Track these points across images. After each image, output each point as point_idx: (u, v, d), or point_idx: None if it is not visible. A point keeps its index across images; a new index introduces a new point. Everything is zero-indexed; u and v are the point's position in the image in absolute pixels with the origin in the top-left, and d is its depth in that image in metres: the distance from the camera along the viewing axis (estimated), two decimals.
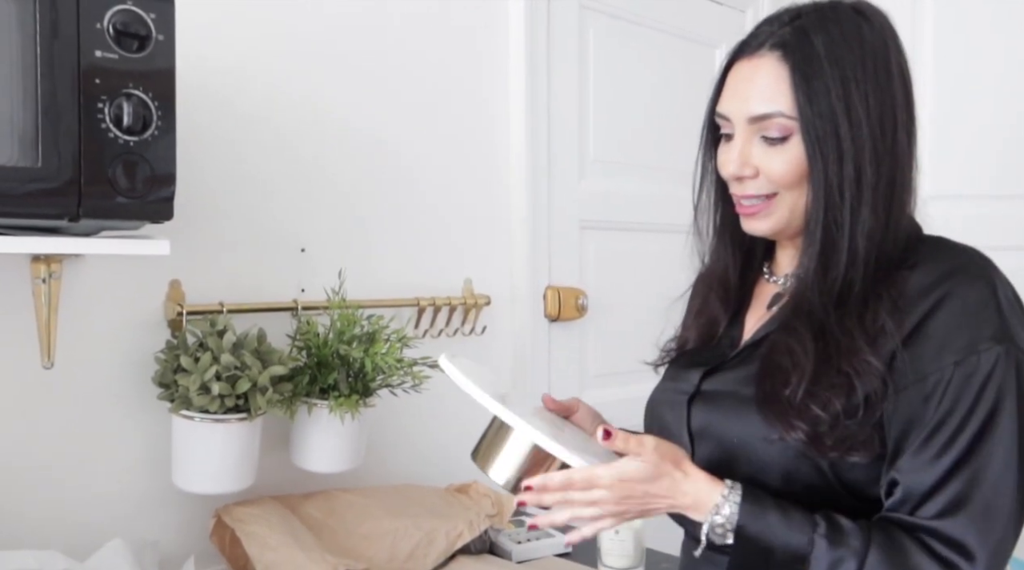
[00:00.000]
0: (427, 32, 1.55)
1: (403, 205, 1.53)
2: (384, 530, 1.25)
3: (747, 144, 0.85)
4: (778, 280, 0.94)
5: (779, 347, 0.83)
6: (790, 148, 0.83)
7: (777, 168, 0.84)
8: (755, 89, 0.84)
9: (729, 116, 0.87)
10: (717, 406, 0.88)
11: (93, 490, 1.19)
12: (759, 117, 0.83)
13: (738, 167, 0.85)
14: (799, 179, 0.83)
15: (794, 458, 0.80)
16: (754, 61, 0.85)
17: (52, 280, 1.07)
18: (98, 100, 0.87)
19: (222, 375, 1.12)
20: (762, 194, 0.86)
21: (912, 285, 0.79)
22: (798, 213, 0.85)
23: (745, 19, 2.21)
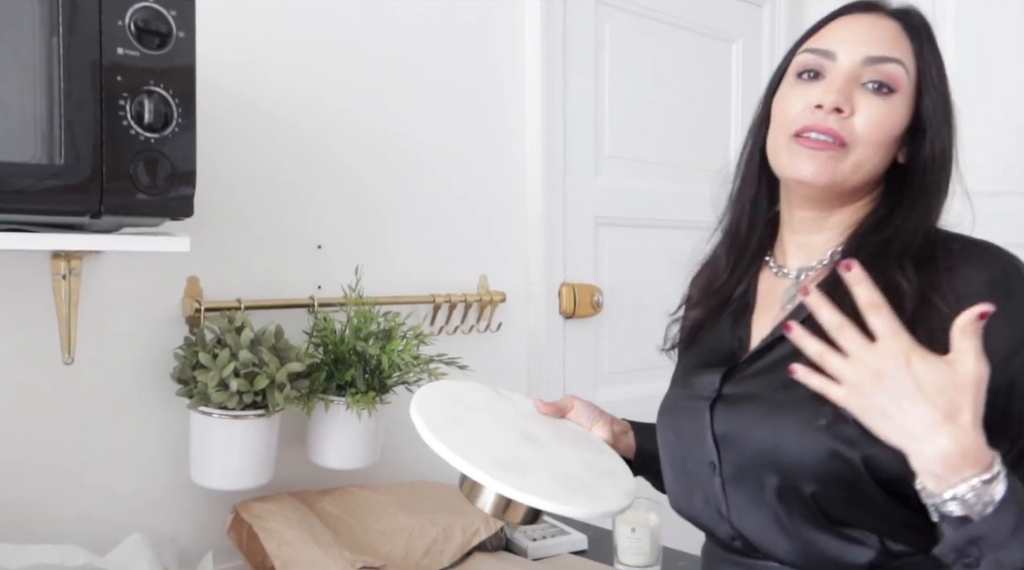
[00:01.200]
0: (443, 30, 1.55)
1: (419, 202, 1.53)
2: (401, 526, 1.25)
3: (851, 83, 0.82)
4: (788, 273, 0.90)
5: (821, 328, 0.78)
6: (894, 102, 0.81)
7: (876, 117, 0.80)
8: (874, 34, 0.82)
9: (836, 52, 0.82)
10: (744, 410, 0.84)
11: (112, 486, 1.20)
12: (878, 58, 0.81)
13: (841, 98, 0.80)
14: (885, 139, 0.81)
15: (828, 459, 0.76)
16: (872, 16, 0.84)
17: (72, 276, 1.07)
18: (119, 97, 0.87)
19: (240, 371, 1.13)
20: (841, 135, 0.81)
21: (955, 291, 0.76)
22: (859, 174, 0.82)
23: (762, 14, 2.19)
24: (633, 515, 1.23)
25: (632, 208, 1.91)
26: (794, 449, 0.78)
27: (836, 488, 0.77)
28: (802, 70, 0.85)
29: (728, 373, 0.87)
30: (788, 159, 0.84)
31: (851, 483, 0.76)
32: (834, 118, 0.80)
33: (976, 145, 2.06)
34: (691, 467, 0.88)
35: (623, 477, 0.91)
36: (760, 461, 0.81)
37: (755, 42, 2.17)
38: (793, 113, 0.83)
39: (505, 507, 0.86)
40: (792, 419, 0.79)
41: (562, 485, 0.83)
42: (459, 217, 1.59)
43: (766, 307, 0.90)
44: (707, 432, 0.86)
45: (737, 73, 2.13)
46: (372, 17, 1.45)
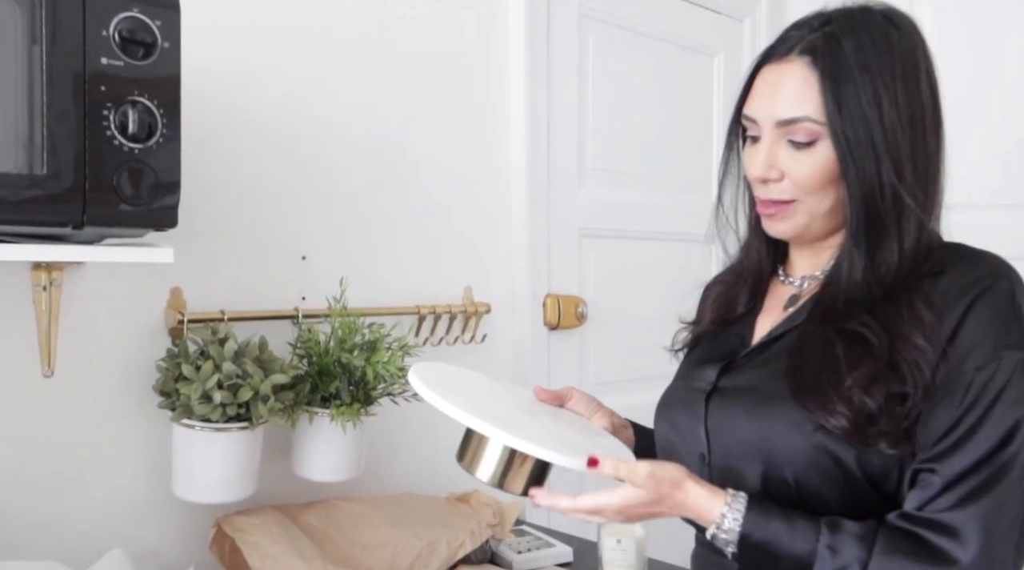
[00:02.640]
0: (428, 42, 1.56)
1: (404, 213, 1.53)
2: (385, 539, 1.24)
3: (774, 147, 0.87)
4: (794, 281, 0.96)
5: (817, 340, 0.83)
6: (817, 152, 0.84)
7: (803, 172, 0.85)
8: (783, 93, 0.85)
9: (756, 119, 0.88)
10: (736, 401, 0.88)
11: (93, 499, 1.18)
12: (786, 121, 0.85)
13: (764, 170, 0.87)
14: (824, 184, 0.85)
15: (814, 450, 0.81)
16: (783, 66, 0.86)
17: (53, 287, 1.06)
18: (103, 107, 0.87)
19: (224, 383, 1.12)
20: (783, 199, 0.88)
21: (942, 290, 0.80)
22: (818, 218, 0.88)
23: (743, 28, 2.22)
24: (619, 527, 1.23)
25: (616, 220, 1.92)
26: (782, 441, 0.82)
27: (820, 479, 0.81)
28: (745, 134, 0.92)
29: (726, 367, 0.92)
30: (761, 218, 0.93)
31: (837, 477, 0.80)
32: (772, 186, 0.88)
33: (972, 159, 2.10)
34: (683, 458, 0.91)
35: (625, 455, 0.91)
36: (747, 451, 0.85)
37: (736, 56, 2.20)
38: (749, 178, 0.92)
39: (505, 472, 0.85)
40: (782, 411, 0.83)
41: (563, 443, 0.83)
42: (444, 228, 1.59)
43: (770, 310, 0.96)
44: (700, 424, 0.90)
45: (719, 86, 2.15)
46: (358, 29, 1.46)
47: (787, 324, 0.90)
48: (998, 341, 0.77)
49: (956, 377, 0.77)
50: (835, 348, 0.81)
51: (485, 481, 0.86)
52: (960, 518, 0.75)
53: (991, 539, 0.74)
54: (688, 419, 0.93)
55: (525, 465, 0.85)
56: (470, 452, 0.88)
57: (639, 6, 1.94)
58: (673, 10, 2.03)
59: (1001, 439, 0.76)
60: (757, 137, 0.89)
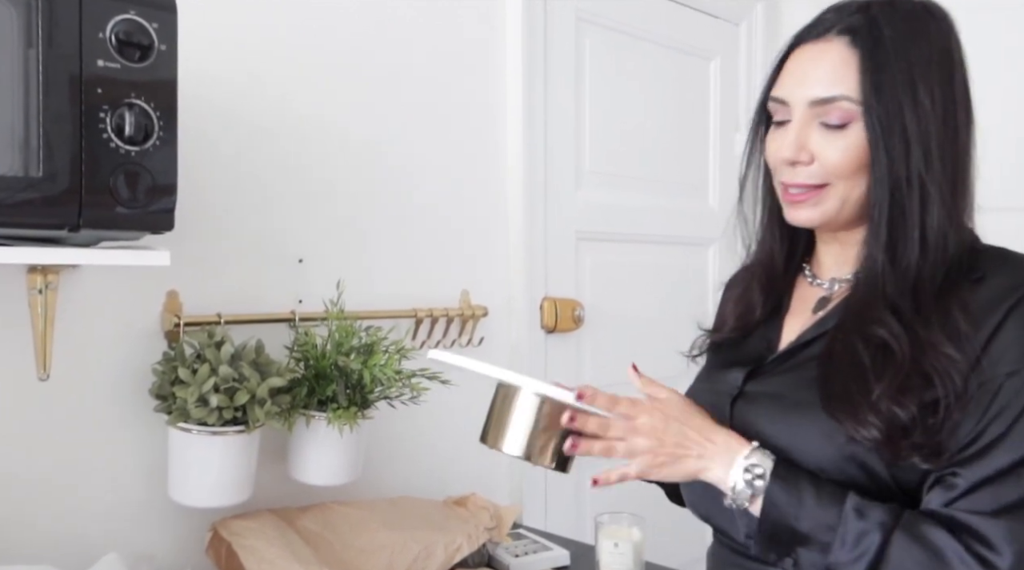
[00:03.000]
0: (425, 45, 1.56)
1: (400, 216, 1.53)
2: (382, 543, 1.24)
3: (805, 129, 0.84)
4: (822, 283, 0.93)
5: (845, 347, 0.81)
6: (849, 135, 0.82)
7: (835, 155, 0.82)
8: (820, 71, 0.82)
9: (788, 100, 0.85)
10: (763, 408, 0.86)
11: (88, 503, 1.18)
12: (821, 100, 0.82)
13: (794, 151, 0.83)
14: (855, 169, 0.82)
15: (844, 461, 0.78)
16: (820, 44, 0.83)
17: (48, 291, 1.05)
18: (100, 110, 0.87)
19: (220, 387, 1.12)
20: (812, 183, 0.84)
21: (982, 297, 0.78)
22: (849, 205, 0.85)
23: (739, 32, 2.22)
24: (616, 530, 1.23)
25: (612, 223, 1.92)
26: (811, 451, 0.80)
27: (855, 490, 0.78)
28: (771, 117, 0.89)
29: (753, 372, 0.90)
30: (784, 206, 0.89)
31: (869, 487, 0.78)
32: (801, 169, 0.84)
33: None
34: None
35: None
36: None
37: (732, 60, 2.20)
38: (773, 163, 0.88)
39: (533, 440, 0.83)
40: (811, 419, 0.81)
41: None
42: (441, 232, 1.59)
43: (798, 312, 0.93)
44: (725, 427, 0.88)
45: (715, 90, 2.16)
46: (356, 33, 1.45)
47: (816, 329, 0.88)
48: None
49: (986, 383, 0.76)
50: (861, 356, 0.79)
51: (513, 454, 0.84)
52: (988, 525, 0.73)
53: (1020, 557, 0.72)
54: None
55: (553, 431, 0.83)
56: (494, 423, 0.86)
57: (636, 9, 1.95)
58: (670, 14, 2.03)
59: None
60: (784, 121, 0.86)
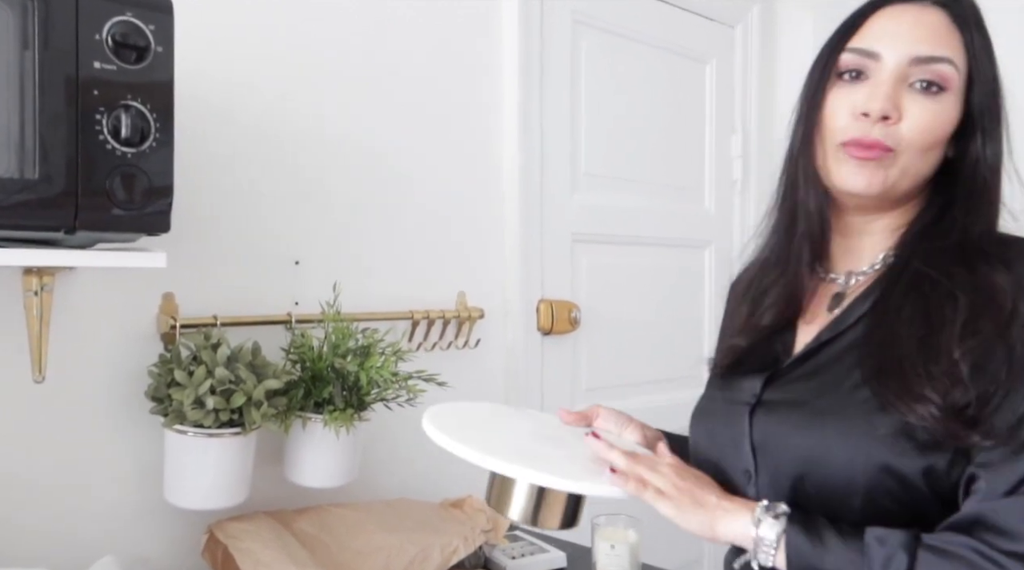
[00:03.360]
0: (421, 47, 1.56)
1: (397, 218, 1.53)
2: (378, 546, 1.24)
3: (898, 86, 0.78)
4: (836, 278, 0.87)
5: (890, 320, 0.76)
6: (943, 101, 0.78)
7: (925, 118, 0.77)
8: (922, 31, 0.78)
9: (881, 52, 0.79)
10: (785, 417, 0.81)
11: (84, 505, 1.17)
12: (926, 58, 0.77)
13: (889, 106, 0.77)
14: (934, 141, 0.78)
15: (876, 470, 0.73)
16: (916, 7, 0.79)
17: (44, 292, 1.05)
18: (96, 112, 0.87)
19: (216, 389, 1.11)
20: (888, 145, 0.78)
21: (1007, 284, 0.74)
22: (906, 179, 0.80)
23: (735, 35, 2.23)
24: (612, 532, 1.23)
25: (608, 225, 1.92)
26: (841, 460, 0.75)
27: (888, 501, 0.74)
28: (844, 70, 0.82)
29: (770, 378, 0.85)
30: (836, 169, 0.82)
31: (905, 499, 0.74)
32: (880, 127, 0.78)
33: None
34: (725, 474, 0.85)
35: None
36: (799, 471, 0.78)
37: (728, 62, 2.21)
38: (840, 122, 0.81)
39: (537, 509, 0.82)
40: (838, 427, 0.76)
41: (593, 470, 0.79)
42: (437, 234, 1.59)
43: (812, 312, 0.88)
44: (745, 439, 0.83)
45: (711, 92, 2.16)
46: (352, 35, 1.46)
47: (835, 328, 0.83)
48: None
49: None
50: (954, 302, 0.73)
51: (518, 521, 0.83)
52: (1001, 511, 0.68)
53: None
54: (730, 434, 0.85)
55: (557, 498, 0.82)
56: (496, 493, 0.84)
57: (632, 12, 1.95)
58: (665, 16, 2.04)
59: None
60: (862, 73, 0.80)
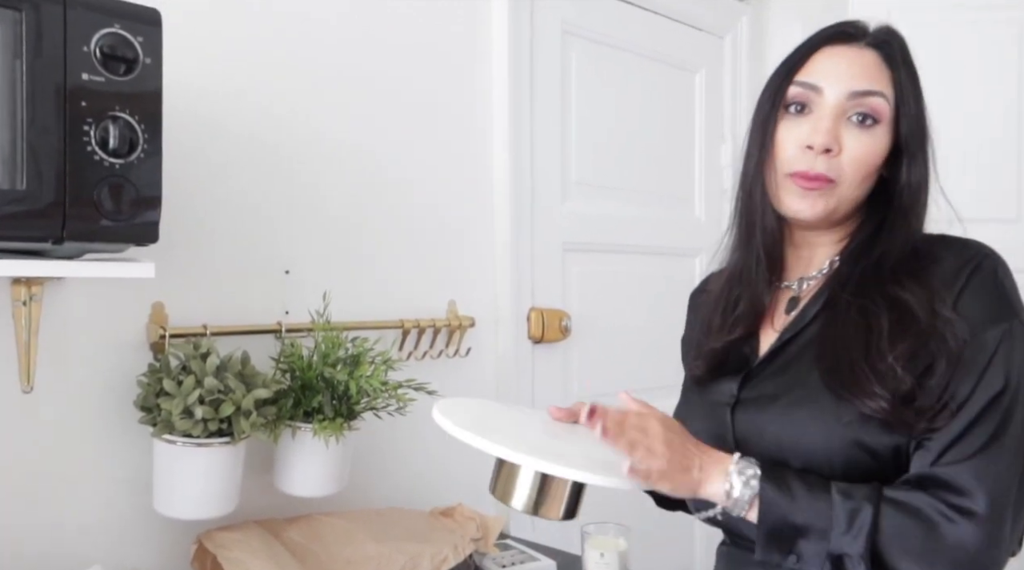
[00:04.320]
0: (411, 57, 1.57)
1: (387, 227, 1.53)
2: (368, 555, 1.24)
3: (838, 120, 0.88)
4: (790, 285, 0.97)
5: (849, 322, 0.85)
6: (876, 134, 0.88)
7: (861, 150, 0.87)
8: (857, 69, 0.88)
9: (823, 87, 0.88)
10: (763, 410, 0.90)
11: (73, 515, 1.17)
12: (862, 92, 0.87)
13: (830, 139, 0.87)
14: (871, 170, 0.89)
15: (849, 446, 0.82)
16: (854, 48, 0.89)
17: (32, 302, 1.05)
18: (84, 122, 0.87)
19: (205, 398, 1.11)
20: (829, 176, 0.88)
21: (941, 276, 0.85)
22: (844, 205, 0.90)
23: (724, 45, 2.25)
24: (602, 540, 1.23)
25: (599, 233, 1.93)
26: (819, 442, 0.84)
27: (858, 473, 0.82)
28: (791, 102, 0.91)
29: (745, 378, 0.93)
30: (783, 196, 0.91)
31: (876, 470, 0.82)
32: (823, 159, 0.87)
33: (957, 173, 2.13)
34: None
35: None
36: (782, 458, 0.87)
37: (717, 72, 2.22)
38: (787, 153, 0.90)
39: (540, 497, 0.84)
40: (811, 413, 0.85)
41: (599, 464, 0.82)
42: (428, 243, 1.60)
43: (772, 316, 0.97)
44: (728, 435, 0.92)
45: (700, 102, 2.18)
46: (341, 45, 1.46)
47: (794, 327, 0.92)
48: (986, 314, 0.82)
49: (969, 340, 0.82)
50: (878, 318, 0.83)
51: (520, 510, 0.85)
52: (957, 472, 0.78)
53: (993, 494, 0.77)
54: (713, 432, 0.93)
55: (559, 489, 0.85)
56: (502, 482, 0.87)
57: (621, 23, 1.97)
58: (655, 27, 2.05)
59: (990, 400, 0.79)
60: (805, 106, 0.89)
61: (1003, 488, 0.78)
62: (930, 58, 2.23)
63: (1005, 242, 2.33)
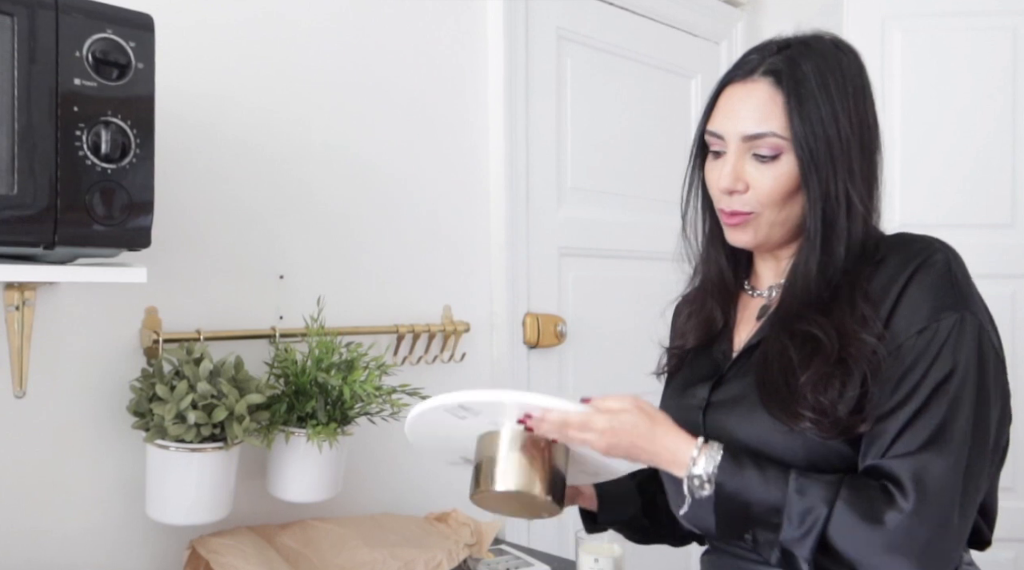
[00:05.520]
0: (407, 62, 1.57)
1: (382, 232, 1.53)
2: (362, 561, 1.24)
3: (740, 161, 0.93)
4: (762, 293, 1.02)
5: (776, 346, 0.90)
6: (780, 165, 0.91)
7: (768, 183, 0.91)
8: (749, 110, 0.91)
9: (723, 134, 0.94)
10: (730, 412, 0.94)
11: (65, 521, 1.17)
12: (753, 136, 0.91)
13: (731, 181, 0.92)
14: (785, 195, 0.91)
15: (812, 447, 0.86)
16: (747, 85, 0.93)
17: (25, 307, 1.05)
18: (76, 127, 0.87)
19: (198, 404, 1.11)
20: (746, 211, 0.93)
21: (881, 277, 0.87)
22: (778, 228, 0.94)
23: (720, 51, 2.25)
24: (596, 545, 1.23)
25: (595, 238, 1.93)
26: (782, 444, 0.87)
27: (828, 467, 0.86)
28: (709, 149, 0.97)
29: (715, 384, 0.98)
30: (725, 229, 0.98)
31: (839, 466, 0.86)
32: (736, 197, 0.93)
33: (930, 179, 2.15)
34: None
35: None
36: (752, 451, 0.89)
37: (713, 78, 2.20)
38: (713, 193, 0.97)
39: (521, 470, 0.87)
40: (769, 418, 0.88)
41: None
42: (423, 247, 1.60)
43: (745, 323, 1.02)
44: (700, 435, 0.93)
45: (696, 107, 2.18)
46: (336, 50, 1.47)
47: (760, 334, 0.96)
48: (936, 306, 0.84)
49: (896, 349, 0.84)
50: (790, 353, 0.88)
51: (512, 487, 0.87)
52: (897, 466, 0.81)
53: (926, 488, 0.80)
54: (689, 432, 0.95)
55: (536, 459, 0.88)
56: (485, 468, 0.89)
57: (617, 28, 1.97)
58: (651, 33, 2.06)
59: (935, 387, 0.82)
60: (721, 152, 0.95)
61: (944, 484, 0.80)
62: (924, 64, 2.25)
63: (998, 246, 2.36)
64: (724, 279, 1.03)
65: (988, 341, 0.85)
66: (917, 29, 2.13)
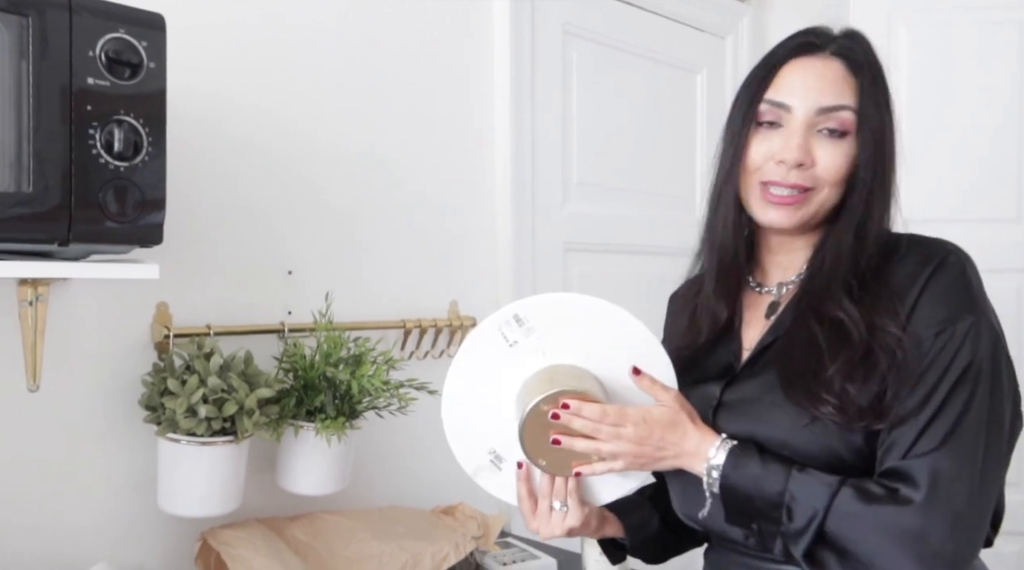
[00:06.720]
0: (413, 59, 1.58)
1: (389, 228, 1.54)
2: (370, 553, 1.25)
3: (808, 134, 0.90)
4: (770, 290, 1.00)
5: (803, 331, 0.89)
6: (847, 144, 0.90)
7: (836, 161, 0.90)
8: (824, 83, 0.90)
9: (791, 105, 0.91)
10: (743, 413, 0.92)
11: (78, 513, 1.19)
12: (829, 108, 0.89)
13: (802, 154, 0.89)
14: (845, 175, 0.91)
15: (823, 448, 0.85)
16: (818, 61, 0.91)
17: (39, 303, 1.07)
18: (89, 126, 0.88)
19: (209, 398, 1.13)
20: (806, 185, 0.91)
21: (903, 273, 0.88)
22: (823, 211, 0.92)
23: (725, 46, 2.25)
24: None
25: (600, 234, 1.94)
26: (796, 443, 0.87)
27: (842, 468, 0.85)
28: (761, 119, 0.93)
29: (727, 383, 0.96)
30: (758, 207, 0.94)
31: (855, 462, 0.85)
32: (796, 172, 0.90)
33: (936, 174, 2.14)
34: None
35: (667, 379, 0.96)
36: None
37: (719, 73, 2.23)
38: (757, 163, 0.93)
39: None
40: (788, 415, 0.88)
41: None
42: (430, 243, 1.61)
43: (753, 321, 0.99)
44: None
45: (702, 102, 2.18)
46: (343, 48, 1.47)
47: (773, 333, 0.94)
48: (952, 308, 0.84)
49: (917, 347, 0.84)
50: (817, 339, 0.87)
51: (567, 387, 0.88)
52: (916, 467, 0.81)
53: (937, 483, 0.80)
54: None
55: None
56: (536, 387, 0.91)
57: (623, 23, 1.97)
58: (656, 28, 2.06)
59: (952, 387, 0.82)
60: (776, 123, 0.91)
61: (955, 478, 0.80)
62: (930, 58, 2.24)
63: (1004, 241, 2.35)
64: (734, 271, 0.99)
65: (1001, 344, 0.85)
66: (923, 23, 2.13)
